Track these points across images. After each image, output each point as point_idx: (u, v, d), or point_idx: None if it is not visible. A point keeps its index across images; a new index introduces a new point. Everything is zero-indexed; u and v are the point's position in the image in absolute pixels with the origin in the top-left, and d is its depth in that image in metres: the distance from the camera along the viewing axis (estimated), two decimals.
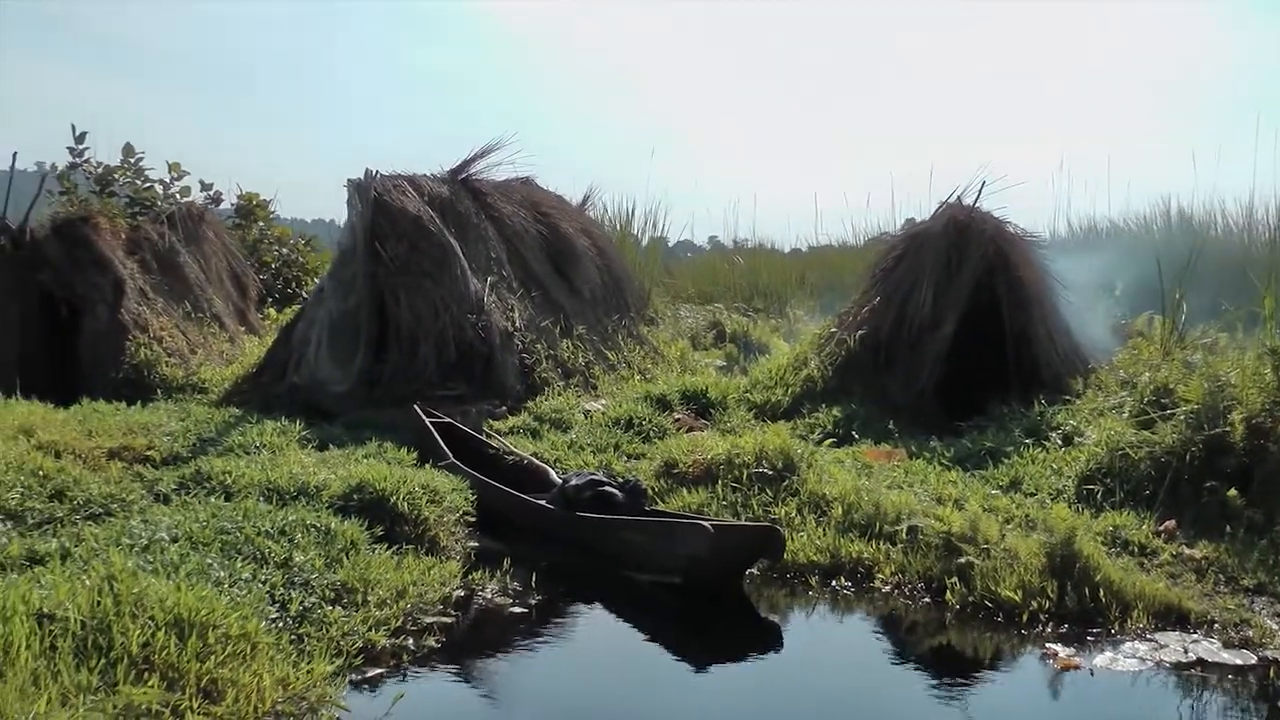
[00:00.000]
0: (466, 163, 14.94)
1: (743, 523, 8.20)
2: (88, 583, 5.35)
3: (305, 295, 21.98)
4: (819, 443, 10.59)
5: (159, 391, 13.46)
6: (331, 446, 10.18)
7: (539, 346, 13.38)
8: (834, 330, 13.88)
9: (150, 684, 4.61)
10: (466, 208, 14.22)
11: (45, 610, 4.95)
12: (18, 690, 4.20)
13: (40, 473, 8.35)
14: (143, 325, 14.70)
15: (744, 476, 9.05)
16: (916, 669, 6.67)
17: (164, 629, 4.98)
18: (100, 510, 7.81)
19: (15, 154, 15.95)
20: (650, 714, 5.95)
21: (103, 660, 4.68)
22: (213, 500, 7.86)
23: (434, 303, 12.74)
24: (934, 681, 6.37)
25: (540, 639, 6.96)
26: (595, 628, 7.47)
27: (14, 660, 4.44)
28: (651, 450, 10.79)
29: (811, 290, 25.52)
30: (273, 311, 19.93)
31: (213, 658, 4.95)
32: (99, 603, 5.06)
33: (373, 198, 13.08)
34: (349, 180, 13.30)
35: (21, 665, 4.41)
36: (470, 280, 13.06)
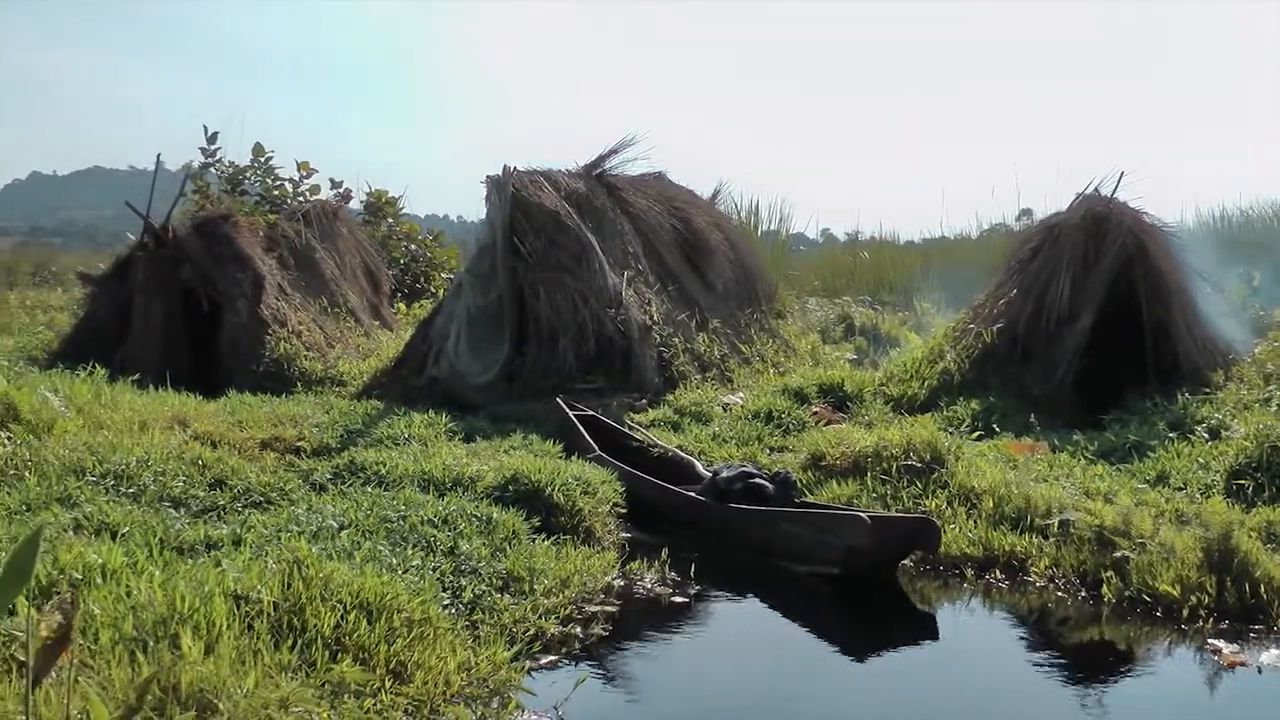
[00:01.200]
0: (601, 158, 15.01)
1: (900, 514, 8.16)
2: (274, 567, 5.49)
3: (433, 290, 22.31)
4: (972, 436, 10.50)
5: (298, 384, 13.72)
6: (478, 438, 10.28)
7: (676, 340, 13.39)
8: (969, 323, 13.72)
9: (344, 664, 4.71)
10: (602, 203, 14.28)
11: (239, 592, 5.09)
12: (229, 666, 4.31)
13: (200, 462, 8.55)
14: (281, 320, 15.00)
15: (893, 469, 9.00)
16: (1074, 662, 6.53)
17: (353, 612, 5.09)
18: (260, 499, 7.96)
19: (159, 155, 16.40)
20: (811, 702, 5.91)
21: (299, 641, 4.79)
22: (369, 490, 8.01)
23: (573, 297, 12.82)
24: (1093, 676, 6.25)
25: (703, 628, 7.00)
26: (754, 617, 7.48)
27: (218, 639, 4.57)
28: (793, 443, 10.78)
29: (935, 282, 25.28)
30: (402, 306, 20.20)
31: (399, 641, 5.04)
32: (290, 586, 5.19)
33: (511, 193, 13.20)
34: (488, 176, 13.44)
35: (227, 644, 4.53)
36: (608, 274, 13.11)
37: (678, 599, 7.17)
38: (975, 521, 8.20)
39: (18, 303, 24.36)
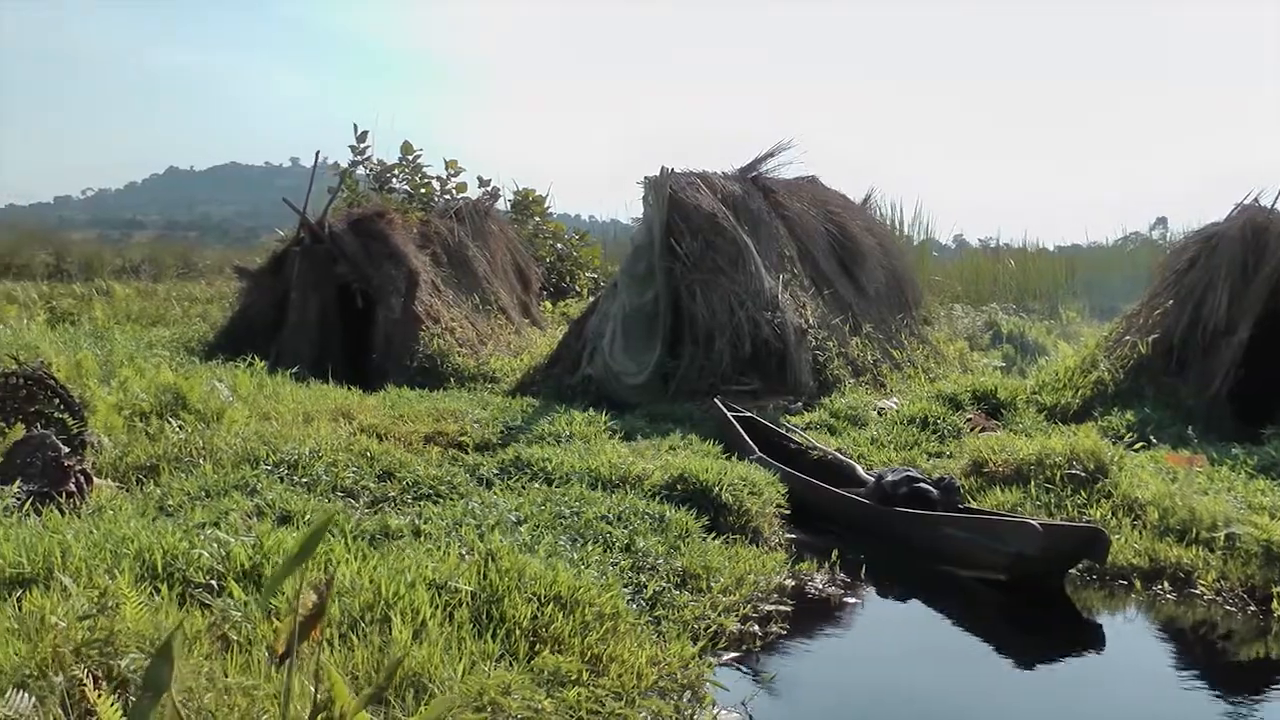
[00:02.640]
0: (756, 161, 14.98)
1: (1071, 523, 8.01)
2: (469, 558, 5.55)
3: (577, 289, 22.44)
4: (1129, 446, 10.27)
5: (451, 380, 13.89)
6: (638, 437, 10.30)
7: (830, 344, 13.31)
8: (1123, 333, 13.44)
9: (543, 655, 4.74)
10: (758, 205, 14.25)
11: (436, 581, 5.15)
12: (440, 653, 4.36)
13: (368, 454, 8.70)
14: (435, 316, 15.19)
15: (1056, 477, 8.84)
16: (1242, 678, 6.35)
17: (549, 605, 5.12)
18: (429, 491, 8.05)
19: (318, 153, 16.75)
20: (981, 706, 5.85)
21: (498, 631, 4.83)
22: (536, 486, 8.08)
23: (729, 299, 12.79)
24: (1261, 692, 6.06)
25: (875, 630, 6.97)
26: (924, 621, 7.40)
27: (424, 626, 4.62)
28: (951, 448, 10.67)
29: (1075, 290, 24.87)
30: (548, 304, 20.34)
31: (592, 634, 5.06)
32: (486, 577, 5.24)
33: (668, 194, 13.21)
34: (645, 177, 13.49)
35: (433, 631, 4.58)
36: (764, 277, 13.08)
37: (849, 600, 7.14)
38: (1140, 532, 8.02)
39: (164, 295, 25.00)
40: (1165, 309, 12.96)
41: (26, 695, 3.34)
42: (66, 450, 7.43)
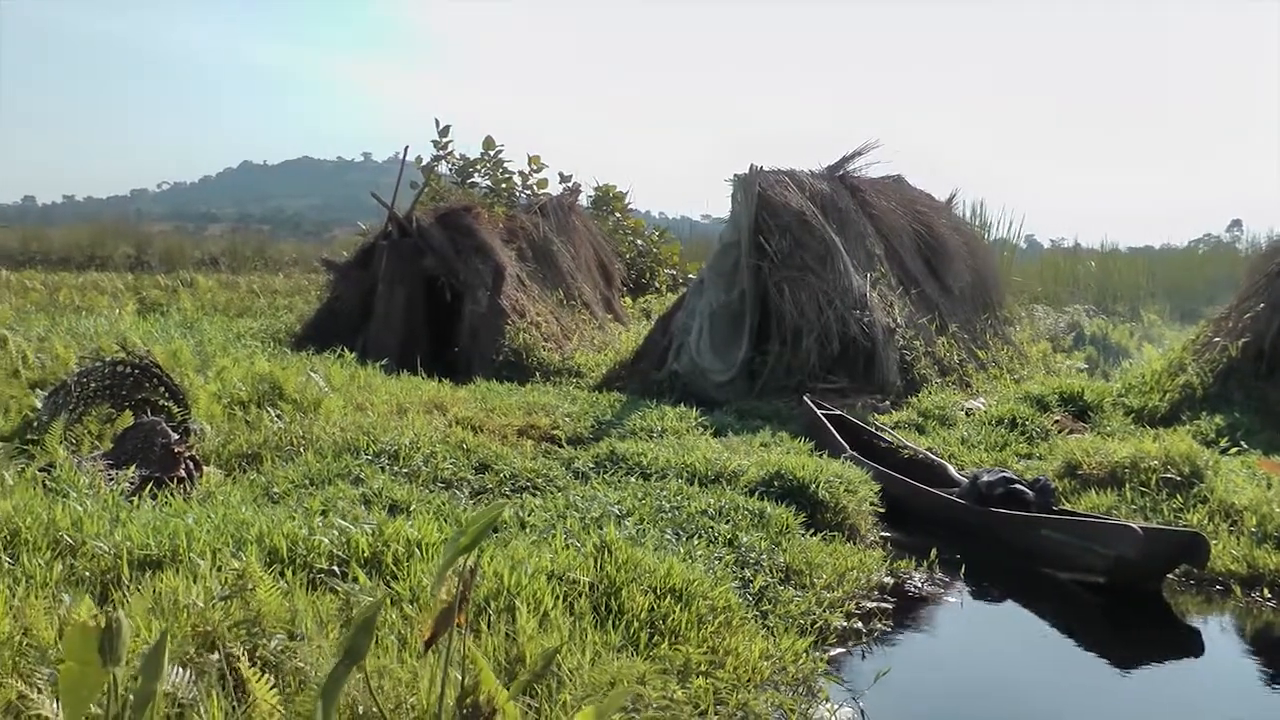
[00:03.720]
0: (844, 160, 14.96)
1: (1171, 527, 7.94)
2: (584, 549, 5.60)
3: (656, 285, 22.48)
4: (1223, 451, 10.16)
5: (537, 374, 13.98)
6: (729, 434, 10.31)
7: (917, 343, 13.25)
8: (1210, 336, 13.28)
9: (662, 647, 4.77)
10: (846, 204, 14.21)
11: (554, 571, 5.20)
12: (566, 643, 4.40)
13: (464, 446, 8.81)
14: (520, 311, 15.29)
15: (1151, 481, 8.76)
16: None
17: (665, 597, 5.16)
18: (527, 484, 8.12)
19: (406, 148, 16.90)
20: (1081, 708, 5.79)
21: (618, 621, 4.87)
22: (633, 480, 8.11)
23: (817, 297, 12.77)
24: None
25: (976, 629, 6.95)
26: (1023, 621, 7.35)
27: (548, 616, 4.67)
28: (1040, 450, 10.59)
29: (1154, 292, 24.57)
30: (627, 299, 20.38)
31: (707, 626, 5.09)
32: (603, 569, 5.28)
33: (757, 192, 13.22)
34: (734, 175, 13.53)
35: (557, 620, 4.63)
36: (853, 276, 13.05)
37: (949, 599, 7.12)
38: (1238, 538, 7.92)
39: (245, 287, 25.34)
40: (1256, 313, 12.79)
41: (184, 671, 3.42)
42: (176, 437, 7.56)
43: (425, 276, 15.56)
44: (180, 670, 3.43)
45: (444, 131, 21.82)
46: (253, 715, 3.40)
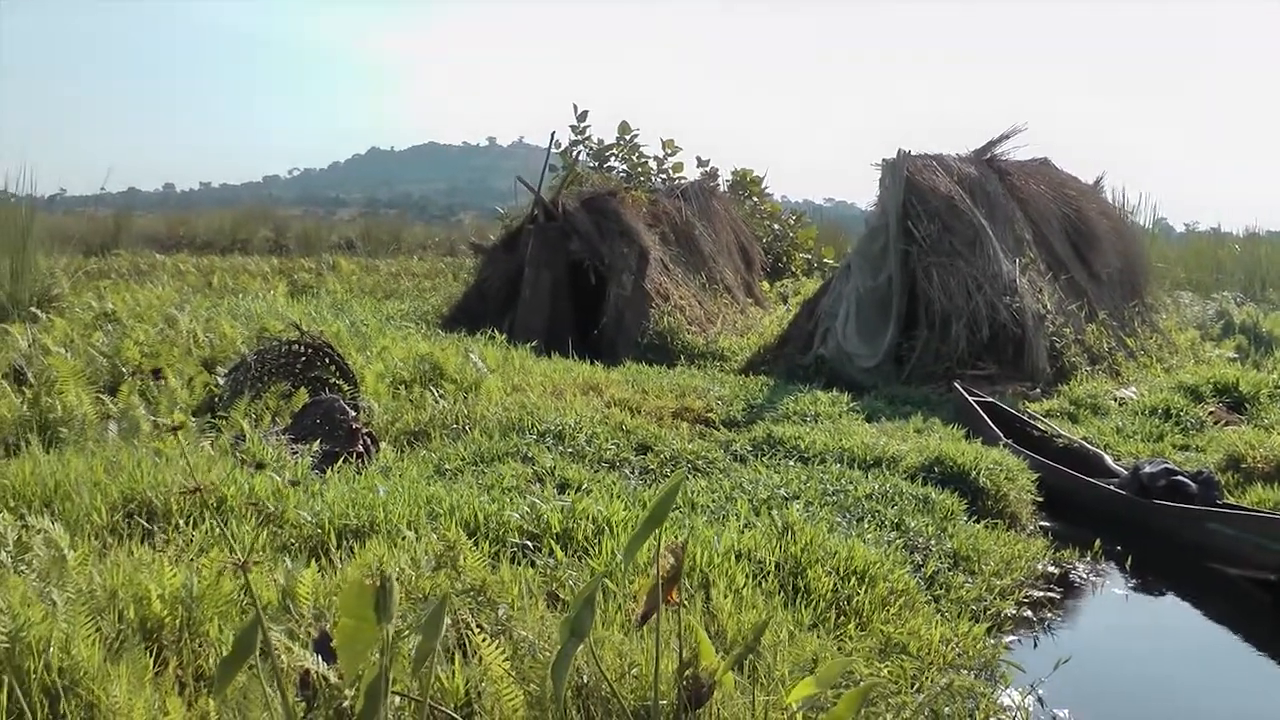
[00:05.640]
0: (991, 143, 14.82)
1: None
2: (763, 528, 5.71)
3: (793, 270, 22.48)
4: None
5: (681, 357, 14.08)
6: (881, 419, 10.33)
7: (1067, 330, 13.08)
8: None
9: (849, 627, 4.85)
10: (994, 188, 14.07)
11: (739, 550, 5.32)
12: (772, 617, 4.50)
13: (623, 428, 8.95)
14: (664, 294, 15.43)
15: None
16: None
17: (849, 578, 5.24)
18: (687, 466, 8.23)
19: (553, 134, 17.13)
20: (1259, 707, 5.73)
21: (805, 601, 4.97)
22: (791, 464, 8.19)
23: (965, 282, 12.69)
24: None
25: (1146, 622, 6.89)
26: (1192, 616, 7.24)
27: (741, 594, 4.78)
28: (1197, 441, 10.38)
29: None
30: (765, 284, 20.41)
31: (890, 608, 5.16)
32: (788, 549, 5.38)
33: (904, 177, 13.19)
34: (882, 159, 13.51)
35: (750, 599, 4.74)
36: (1001, 261, 12.94)
37: (1114, 591, 7.07)
38: None
39: (385, 270, 25.81)
40: None
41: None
42: (354, 414, 7.82)
43: (570, 260, 15.75)
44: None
45: (582, 116, 22.01)
46: (483, 681, 3.55)
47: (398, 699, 3.29)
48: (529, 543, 5.33)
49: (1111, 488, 8.65)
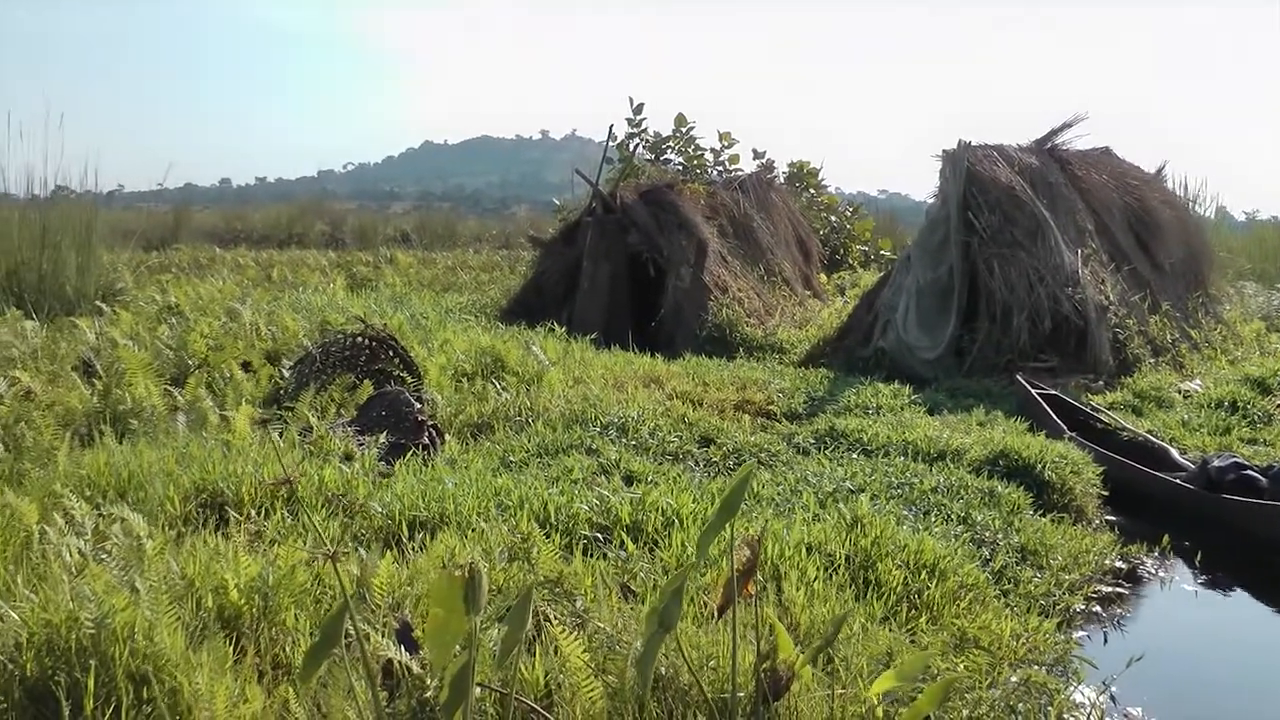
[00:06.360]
0: (1053, 133, 14.67)
1: None
2: (832, 521, 5.70)
3: (850, 261, 22.40)
4: None
5: (740, 350, 14.05)
6: (943, 411, 10.27)
7: (1130, 322, 12.94)
8: None
9: (920, 621, 4.83)
10: (1055, 179, 13.92)
11: (810, 544, 5.31)
12: (834, 613, 4.49)
13: (686, 420, 8.95)
14: (722, 286, 15.42)
15: None
16: None
17: (919, 571, 5.22)
18: (751, 458, 8.21)
19: (611, 127, 17.15)
20: None
21: (876, 595, 4.95)
22: (854, 456, 8.16)
23: (1027, 274, 12.57)
24: None
25: (1214, 619, 6.77)
26: (1263, 614, 7.14)
27: (814, 587, 4.78)
28: (1265, 435, 10.26)
29: None
30: (822, 276, 20.35)
31: (960, 602, 5.13)
32: (858, 542, 5.37)
33: (965, 167, 13.10)
34: (942, 150, 13.42)
35: (822, 592, 4.73)
36: (1064, 252, 12.82)
37: (1184, 587, 6.98)
38: None
39: (441, 263, 25.94)
40: None
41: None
42: (419, 406, 7.87)
43: (629, 252, 15.76)
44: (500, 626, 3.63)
45: (638, 109, 22.02)
46: (562, 672, 3.57)
47: (478, 690, 3.31)
48: (599, 535, 5.35)
49: (1179, 482, 8.57)
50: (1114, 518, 8.25)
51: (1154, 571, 7.12)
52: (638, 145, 21.13)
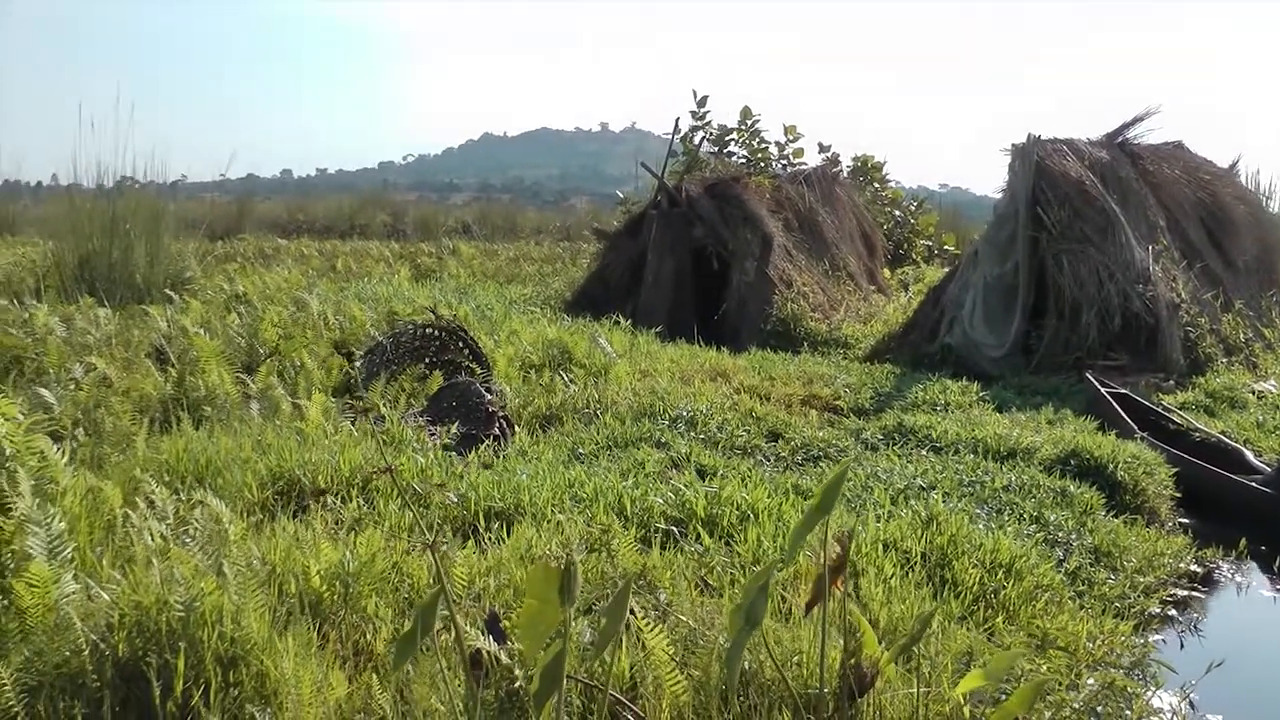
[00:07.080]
0: (1124, 127, 14.49)
1: None
2: (906, 519, 5.66)
3: (914, 256, 22.27)
4: None
5: (804, 344, 14.00)
6: (1011, 409, 10.18)
7: (1202, 320, 12.74)
8: None
9: (996, 621, 4.79)
10: (1126, 173, 13.74)
11: (885, 540, 5.28)
12: (914, 611, 4.47)
13: (753, 414, 8.94)
14: (787, 281, 15.37)
15: None
16: None
17: (995, 571, 5.18)
18: (819, 453, 8.19)
19: (677, 120, 17.16)
20: None
21: (951, 593, 4.92)
22: (923, 453, 8.11)
23: (1096, 270, 12.42)
24: None
25: None
26: None
27: (892, 584, 4.76)
28: None
29: None
30: (886, 271, 20.25)
31: (1036, 603, 5.09)
32: (933, 540, 5.33)
33: (1034, 162, 12.96)
34: (1011, 145, 13.29)
35: (899, 589, 4.71)
36: (1134, 248, 12.65)
37: (1262, 592, 6.87)
38: None
39: (503, 255, 26.03)
40: None
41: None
42: (490, 397, 7.90)
43: (694, 246, 15.76)
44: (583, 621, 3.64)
45: (701, 102, 21.95)
46: (646, 666, 3.57)
47: (566, 681, 3.32)
48: (674, 528, 5.35)
49: (1255, 485, 8.44)
50: (1187, 520, 8.15)
51: (1230, 576, 7.02)
52: (702, 138, 21.05)
